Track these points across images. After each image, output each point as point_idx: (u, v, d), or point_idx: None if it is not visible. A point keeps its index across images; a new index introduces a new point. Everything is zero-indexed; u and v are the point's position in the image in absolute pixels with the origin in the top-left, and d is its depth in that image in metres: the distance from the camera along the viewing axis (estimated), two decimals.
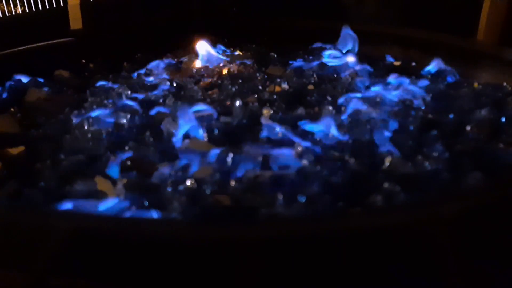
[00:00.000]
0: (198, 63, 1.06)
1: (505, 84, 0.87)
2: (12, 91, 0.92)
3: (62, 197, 0.55)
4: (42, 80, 0.96)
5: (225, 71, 1.00)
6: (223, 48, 1.13)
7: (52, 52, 1.08)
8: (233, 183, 0.57)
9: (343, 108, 0.77)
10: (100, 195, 0.57)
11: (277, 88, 0.88)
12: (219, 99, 0.85)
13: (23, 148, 0.70)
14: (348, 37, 1.09)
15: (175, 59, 1.10)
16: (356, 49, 1.09)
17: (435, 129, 0.70)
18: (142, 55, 1.12)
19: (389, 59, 1.07)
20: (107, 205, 0.54)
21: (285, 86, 0.89)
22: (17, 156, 0.69)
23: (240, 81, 0.93)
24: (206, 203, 0.54)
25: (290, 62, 1.04)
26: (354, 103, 0.77)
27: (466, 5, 1.15)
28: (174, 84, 0.92)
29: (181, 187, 0.57)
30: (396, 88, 0.86)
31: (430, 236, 0.42)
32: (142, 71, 1.02)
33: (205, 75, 1.00)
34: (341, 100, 0.81)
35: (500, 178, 0.58)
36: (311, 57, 1.05)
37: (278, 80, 0.90)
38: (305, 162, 0.61)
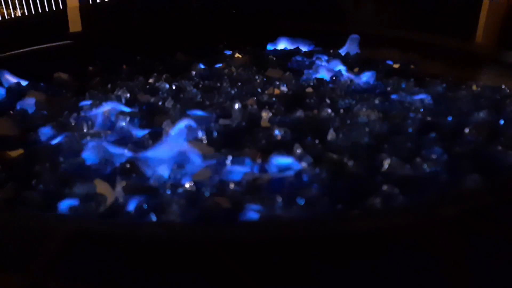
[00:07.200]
0: (196, 66, 1.05)
1: (503, 86, 0.87)
2: (11, 93, 0.92)
3: (61, 200, 0.55)
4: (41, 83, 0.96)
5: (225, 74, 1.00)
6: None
7: (51, 55, 1.07)
8: (232, 185, 0.57)
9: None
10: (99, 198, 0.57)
11: (276, 91, 0.88)
12: (218, 101, 0.85)
13: (22, 151, 0.70)
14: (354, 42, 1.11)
15: (175, 62, 1.10)
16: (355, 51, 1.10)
17: (433, 131, 0.70)
18: (141, 58, 1.12)
19: (388, 61, 1.08)
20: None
21: (284, 88, 0.89)
22: (16, 159, 0.69)
23: (239, 83, 0.92)
24: (205, 206, 0.54)
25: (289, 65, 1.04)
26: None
27: (465, 7, 1.15)
28: (174, 87, 0.92)
29: (180, 190, 0.57)
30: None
31: (429, 237, 0.42)
32: (142, 74, 1.02)
33: (204, 77, 1.00)
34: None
35: (498, 180, 0.58)
36: (308, 61, 1.05)
37: (277, 82, 0.90)
38: (304, 164, 0.61)
